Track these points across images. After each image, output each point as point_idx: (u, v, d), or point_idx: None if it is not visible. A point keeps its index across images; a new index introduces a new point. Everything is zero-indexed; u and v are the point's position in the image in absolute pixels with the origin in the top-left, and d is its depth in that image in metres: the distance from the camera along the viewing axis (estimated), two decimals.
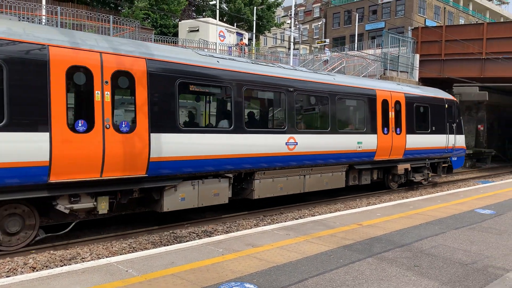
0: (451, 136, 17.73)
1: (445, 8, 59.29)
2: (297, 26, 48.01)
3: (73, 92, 7.84)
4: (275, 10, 46.88)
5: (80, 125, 7.61)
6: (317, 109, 12.94)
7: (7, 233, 7.44)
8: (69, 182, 7.59)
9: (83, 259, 7.45)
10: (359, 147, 13.50)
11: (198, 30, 30.97)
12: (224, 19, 40.12)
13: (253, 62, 11.70)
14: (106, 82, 7.95)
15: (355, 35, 42.11)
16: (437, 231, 8.08)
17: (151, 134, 8.50)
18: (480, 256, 6.55)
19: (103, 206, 8.26)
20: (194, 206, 9.69)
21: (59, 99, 7.36)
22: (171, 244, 8.36)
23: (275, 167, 11.22)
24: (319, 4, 66.63)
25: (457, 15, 61.87)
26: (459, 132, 18.42)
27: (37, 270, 6.78)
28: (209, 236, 9.08)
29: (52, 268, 6.68)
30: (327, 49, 31.61)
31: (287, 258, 6.16)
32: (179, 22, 34.06)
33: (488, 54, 23.77)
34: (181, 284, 5.07)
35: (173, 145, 8.86)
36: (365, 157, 13.89)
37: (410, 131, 15.47)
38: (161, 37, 28.20)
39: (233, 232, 9.17)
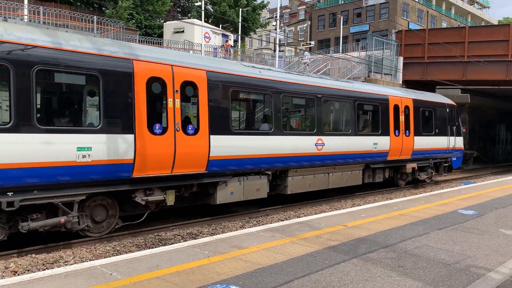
0: (452, 138, 18.99)
1: (428, 11, 60.17)
2: (283, 28, 48.19)
3: (150, 100, 8.83)
4: (260, 12, 46.89)
5: (157, 128, 8.73)
6: (340, 112, 14.19)
7: (95, 221, 8.57)
8: (146, 177, 8.74)
9: (66, 263, 7.34)
10: (375, 148, 14.71)
11: (183, 31, 30.82)
12: (210, 21, 40.01)
13: (286, 71, 13.16)
14: (177, 91, 9.12)
15: (340, 37, 42.36)
16: (420, 231, 8.18)
17: (210, 136, 9.70)
18: (463, 256, 6.64)
19: (170, 199, 9.40)
20: (240, 199, 10.84)
21: (140, 106, 8.48)
22: (156, 247, 8.30)
23: (305, 166, 12.38)
24: (304, 7, 66.95)
25: (439, 18, 62.81)
26: (458, 134, 19.62)
27: (18, 274, 6.64)
28: (195, 238, 9.03)
29: (34, 272, 6.58)
30: (307, 52, 31.78)
31: (273, 259, 6.16)
32: (164, 23, 33.83)
33: (470, 57, 24.17)
34: (166, 286, 5.03)
35: (226, 146, 10.05)
36: (379, 157, 15.12)
37: (417, 133, 16.82)
38: (145, 38, 27.98)
39: (219, 234, 9.16)
